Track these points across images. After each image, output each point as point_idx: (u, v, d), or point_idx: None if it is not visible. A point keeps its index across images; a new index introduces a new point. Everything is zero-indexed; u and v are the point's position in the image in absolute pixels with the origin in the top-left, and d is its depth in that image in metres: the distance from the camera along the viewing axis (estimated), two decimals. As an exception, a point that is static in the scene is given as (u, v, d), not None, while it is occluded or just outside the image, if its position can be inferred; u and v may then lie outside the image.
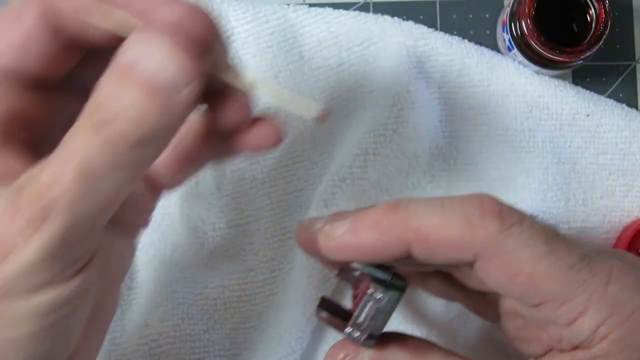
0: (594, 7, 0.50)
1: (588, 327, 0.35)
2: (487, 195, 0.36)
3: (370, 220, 0.36)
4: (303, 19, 0.53)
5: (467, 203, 0.36)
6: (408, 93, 0.51)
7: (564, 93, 0.53)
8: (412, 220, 0.36)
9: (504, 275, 0.35)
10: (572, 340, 0.36)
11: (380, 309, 0.37)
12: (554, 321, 0.36)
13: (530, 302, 0.36)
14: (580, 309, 0.35)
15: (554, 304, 0.35)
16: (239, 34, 0.52)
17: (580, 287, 0.34)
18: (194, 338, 0.50)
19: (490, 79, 0.52)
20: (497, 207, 0.35)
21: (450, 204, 0.36)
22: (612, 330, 0.34)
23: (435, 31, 0.54)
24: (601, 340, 0.35)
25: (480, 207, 0.35)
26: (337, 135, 0.53)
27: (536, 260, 0.34)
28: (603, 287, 0.35)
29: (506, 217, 0.35)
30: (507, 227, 0.35)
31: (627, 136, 0.53)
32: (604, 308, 0.34)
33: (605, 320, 0.34)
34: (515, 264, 0.35)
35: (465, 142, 0.52)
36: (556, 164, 0.52)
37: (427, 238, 0.35)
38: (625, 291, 0.35)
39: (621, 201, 0.53)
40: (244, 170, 0.52)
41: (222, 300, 0.51)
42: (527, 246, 0.35)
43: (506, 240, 0.35)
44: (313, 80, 0.53)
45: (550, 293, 0.35)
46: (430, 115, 0.52)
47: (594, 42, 0.49)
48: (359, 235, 0.36)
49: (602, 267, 0.35)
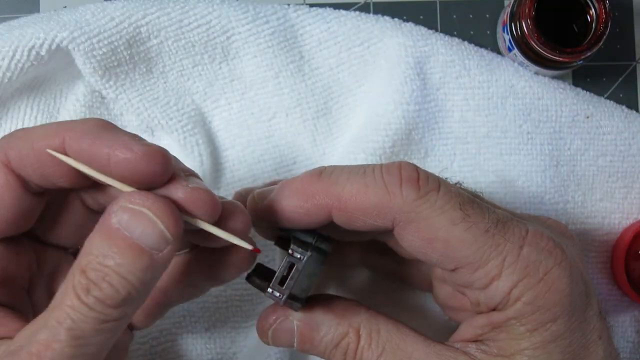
0: (594, 8, 0.50)
1: (502, 290, 0.35)
2: (407, 163, 0.37)
3: (294, 187, 0.38)
4: (303, 19, 0.53)
5: (387, 171, 0.37)
6: (407, 94, 0.51)
7: (564, 95, 0.53)
8: (333, 187, 0.37)
9: (420, 241, 0.36)
10: (488, 303, 0.36)
11: (300, 268, 0.38)
12: (470, 285, 0.37)
13: (447, 267, 0.37)
14: (494, 273, 0.35)
15: (469, 268, 0.36)
16: (239, 34, 0.52)
17: (494, 251, 0.35)
18: (195, 336, 0.51)
19: (490, 81, 0.52)
20: (414, 174, 0.36)
21: (371, 172, 0.37)
22: (525, 292, 0.35)
23: (435, 32, 0.54)
24: (515, 302, 0.35)
25: (398, 174, 0.36)
26: (337, 136, 0.53)
27: (451, 225, 0.35)
28: (517, 251, 0.35)
29: (423, 184, 0.36)
30: (423, 194, 0.36)
31: (627, 138, 0.53)
32: (518, 271, 0.35)
33: (518, 283, 0.35)
34: (431, 230, 0.36)
35: (464, 144, 0.52)
36: (554, 167, 0.52)
37: (346, 205, 0.36)
38: (538, 254, 0.36)
39: (621, 203, 0.53)
40: (244, 171, 0.52)
41: (223, 299, 0.51)
42: (442, 212, 0.36)
43: (422, 206, 0.36)
44: (313, 80, 0.53)
45: (465, 258, 0.36)
46: (429, 116, 0.52)
47: (594, 42, 0.49)
48: (284, 201, 0.38)
49: (517, 230, 0.36)
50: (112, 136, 0.34)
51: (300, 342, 0.40)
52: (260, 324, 0.41)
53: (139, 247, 0.32)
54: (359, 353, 0.39)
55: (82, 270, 0.32)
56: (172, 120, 0.51)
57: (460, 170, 0.52)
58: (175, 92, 0.52)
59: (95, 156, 0.33)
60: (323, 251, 0.39)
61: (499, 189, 0.52)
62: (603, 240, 0.53)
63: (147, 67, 0.52)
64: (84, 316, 0.31)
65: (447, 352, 0.37)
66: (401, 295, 0.52)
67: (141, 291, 0.33)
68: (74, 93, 0.51)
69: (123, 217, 0.32)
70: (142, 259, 0.32)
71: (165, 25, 0.51)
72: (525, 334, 0.35)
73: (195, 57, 0.52)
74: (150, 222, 0.32)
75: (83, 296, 0.31)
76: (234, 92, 0.53)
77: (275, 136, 0.53)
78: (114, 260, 0.32)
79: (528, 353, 0.35)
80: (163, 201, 0.33)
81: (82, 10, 0.50)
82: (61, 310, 0.32)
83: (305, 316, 0.40)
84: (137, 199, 0.32)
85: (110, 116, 0.52)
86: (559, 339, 0.35)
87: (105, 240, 0.32)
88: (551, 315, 0.35)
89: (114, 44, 0.49)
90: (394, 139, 0.51)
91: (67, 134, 0.34)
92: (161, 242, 0.32)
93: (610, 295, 0.53)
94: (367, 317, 0.39)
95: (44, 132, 0.34)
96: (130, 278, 0.32)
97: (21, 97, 0.52)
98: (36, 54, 0.48)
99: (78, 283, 0.32)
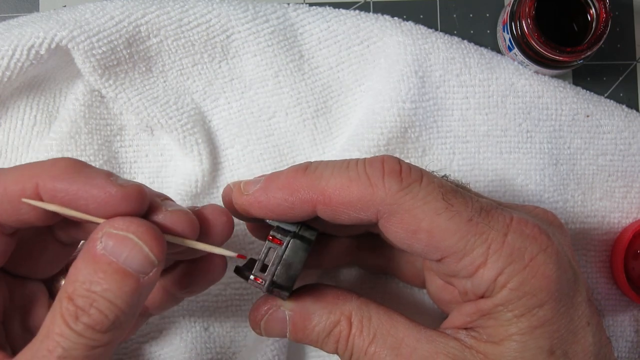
0: (594, 7, 0.50)
1: (488, 278, 0.36)
2: (389, 156, 0.38)
3: (280, 180, 0.38)
4: (303, 18, 0.53)
5: (370, 164, 0.37)
6: (404, 92, 0.51)
7: (564, 94, 0.53)
8: (318, 182, 0.37)
9: (404, 233, 0.37)
10: (475, 291, 0.37)
11: (280, 254, 0.38)
12: (457, 274, 0.37)
13: (432, 257, 0.37)
14: (480, 261, 0.36)
15: (454, 258, 0.36)
16: (239, 33, 0.52)
17: (478, 239, 0.36)
18: (195, 335, 0.51)
19: (490, 79, 0.52)
20: (397, 166, 0.37)
21: (355, 166, 0.37)
22: (511, 279, 0.35)
23: (435, 31, 0.54)
24: (501, 289, 0.36)
25: (381, 167, 0.37)
26: (336, 135, 0.53)
27: (434, 216, 0.36)
28: (502, 238, 0.36)
29: (405, 176, 0.36)
30: (405, 185, 0.36)
31: (627, 137, 0.53)
32: (503, 258, 0.35)
33: (503, 270, 0.35)
34: (414, 221, 0.36)
35: (463, 143, 0.52)
36: (554, 165, 0.52)
37: (330, 199, 0.37)
38: (523, 240, 0.36)
39: (620, 202, 0.53)
40: (243, 170, 0.52)
41: (223, 298, 0.51)
42: (424, 203, 0.36)
43: (404, 198, 0.36)
44: (313, 79, 0.53)
45: (450, 247, 0.36)
46: (427, 114, 0.52)
47: (594, 41, 0.49)
48: (269, 194, 0.38)
49: (501, 218, 0.36)
50: (87, 180, 0.34)
51: (293, 331, 0.40)
52: (252, 315, 0.41)
53: (126, 271, 0.33)
54: (350, 340, 0.39)
55: (69, 297, 0.32)
56: (171, 119, 0.51)
57: (460, 169, 0.52)
58: (175, 91, 0.52)
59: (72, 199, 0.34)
60: (307, 239, 0.39)
61: (498, 188, 0.52)
62: (602, 240, 0.53)
63: (146, 66, 0.52)
64: (74, 343, 0.32)
65: (438, 338, 0.38)
66: (394, 291, 0.52)
67: (129, 314, 0.33)
68: (73, 92, 0.51)
69: (108, 243, 0.33)
70: (129, 283, 0.33)
71: (165, 24, 0.51)
72: (513, 319, 0.36)
73: (194, 56, 0.52)
74: (136, 246, 0.33)
75: (72, 323, 0.32)
76: (233, 91, 0.53)
77: (275, 135, 0.53)
78: (101, 285, 0.32)
79: (516, 338, 0.36)
80: (146, 224, 0.34)
81: (81, 9, 0.50)
82: (51, 339, 0.32)
83: (296, 305, 0.40)
84: (121, 224, 0.33)
85: (109, 115, 0.52)
86: (547, 324, 0.36)
87: (91, 267, 0.32)
88: (537, 301, 0.35)
89: (113, 42, 0.49)
90: (389, 137, 0.51)
91: (39, 177, 0.34)
92: (147, 265, 0.33)
93: (609, 295, 0.53)
94: (358, 305, 0.40)
95: (15, 177, 0.35)
96: (118, 302, 0.32)
97: (21, 96, 0.52)
98: (36, 53, 0.48)
99: (66, 310, 0.32)
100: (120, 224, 0.33)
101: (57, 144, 0.50)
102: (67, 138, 0.50)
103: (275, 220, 0.39)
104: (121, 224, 0.33)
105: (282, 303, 0.40)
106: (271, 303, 0.41)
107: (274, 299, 0.40)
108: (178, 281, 0.42)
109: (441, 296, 0.43)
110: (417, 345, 0.37)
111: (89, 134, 0.51)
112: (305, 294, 0.40)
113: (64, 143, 0.50)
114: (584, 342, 0.36)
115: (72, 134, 0.50)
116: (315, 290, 0.41)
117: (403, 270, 0.47)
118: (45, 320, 0.33)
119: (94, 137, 0.51)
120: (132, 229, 0.33)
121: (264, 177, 0.39)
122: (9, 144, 0.51)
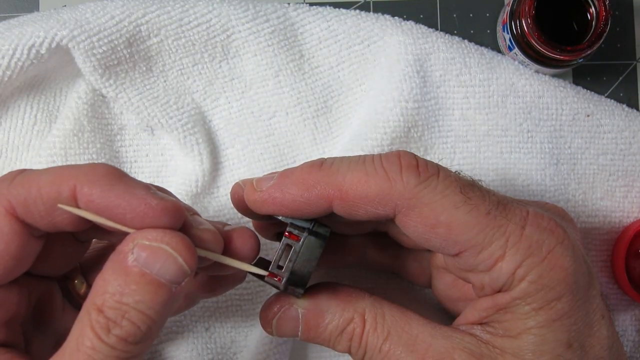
0: (594, 6, 0.50)
1: (507, 271, 0.36)
2: (405, 151, 0.38)
3: (295, 176, 0.38)
4: (303, 17, 0.53)
5: (386, 159, 0.37)
6: (406, 91, 0.51)
7: (564, 93, 0.53)
8: (334, 177, 0.37)
9: (422, 227, 0.36)
10: (493, 285, 0.37)
11: (297, 250, 0.38)
12: (474, 268, 0.37)
13: (450, 251, 0.37)
14: (498, 254, 0.36)
15: (473, 251, 0.36)
16: (239, 33, 0.52)
17: (497, 232, 0.35)
18: (195, 336, 0.51)
19: (490, 79, 0.52)
20: (414, 161, 0.37)
21: (371, 161, 0.37)
22: (529, 272, 0.35)
23: (435, 31, 0.54)
24: (520, 281, 0.36)
25: (398, 162, 0.37)
26: (337, 134, 0.53)
27: (452, 209, 0.36)
28: (519, 231, 0.36)
29: (423, 170, 0.36)
30: (423, 179, 0.36)
31: (628, 137, 0.53)
32: (521, 251, 0.35)
33: (522, 262, 0.35)
34: (433, 215, 0.36)
35: (464, 142, 0.52)
36: (554, 165, 0.52)
37: (347, 194, 0.37)
38: (540, 233, 0.36)
39: (621, 202, 0.53)
40: (244, 170, 0.52)
41: (223, 299, 0.51)
42: (443, 197, 0.36)
43: (423, 192, 0.36)
44: (313, 78, 0.53)
45: (468, 240, 0.36)
46: (428, 114, 0.52)
47: (594, 40, 0.49)
48: (284, 190, 0.38)
49: (518, 211, 0.36)
50: (127, 189, 0.34)
51: (305, 330, 0.40)
52: (264, 313, 0.41)
53: (159, 282, 0.32)
54: (364, 338, 0.39)
55: (99, 309, 0.32)
56: (172, 119, 0.51)
57: (460, 168, 0.52)
58: (175, 91, 0.52)
59: (109, 207, 0.33)
60: (322, 235, 0.39)
61: (498, 188, 0.52)
62: (603, 239, 0.53)
63: (147, 66, 0.52)
64: (105, 356, 0.32)
65: (453, 334, 0.37)
66: (395, 291, 0.52)
67: (160, 324, 0.33)
68: (75, 91, 0.51)
69: (141, 255, 0.32)
70: (162, 293, 0.32)
71: (165, 24, 0.51)
72: (531, 313, 0.35)
73: (195, 55, 0.52)
74: (170, 257, 0.32)
75: (104, 336, 0.31)
76: (233, 90, 0.53)
77: (275, 135, 0.53)
78: (133, 297, 0.32)
79: (534, 332, 0.35)
80: (180, 236, 0.33)
81: (82, 9, 0.50)
82: (82, 352, 0.32)
83: (310, 303, 0.40)
84: (154, 235, 0.33)
85: (110, 114, 0.52)
86: (564, 317, 0.35)
87: (122, 278, 0.32)
88: (556, 294, 0.35)
89: (113, 42, 0.49)
90: (392, 136, 0.50)
91: (77, 180, 0.34)
92: (180, 275, 0.33)
93: (610, 294, 0.53)
94: (371, 302, 0.39)
95: (51, 178, 0.34)
96: (150, 313, 0.32)
97: (21, 95, 0.52)
98: (36, 52, 0.48)
99: (96, 323, 0.32)
100: (153, 235, 0.33)
101: (60, 142, 0.50)
102: (70, 136, 0.50)
103: (288, 217, 0.39)
104: (155, 235, 0.33)
105: (295, 301, 0.40)
106: (283, 301, 0.40)
107: (285, 298, 0.40)
108: (202, 285, 0.41)
109: (449, 294, 0.43)
110: (432, 341, 0.37)
111: (92, 132, 0.51)
112: (317, 292, 0.40)
113: (67, 141, 0.50)
114: (599, 334, 0.36)
115: (75, 132, 0.50)
116: (327, 288, 0.40)
117: (409, 268, 0.47)
118: (72, 332, 0.32)
119: (97, 136, 0.51)
120: (166, 240, 0.33)
121: (276, 173, 0.39)
122: (9, 143, 0.51)
